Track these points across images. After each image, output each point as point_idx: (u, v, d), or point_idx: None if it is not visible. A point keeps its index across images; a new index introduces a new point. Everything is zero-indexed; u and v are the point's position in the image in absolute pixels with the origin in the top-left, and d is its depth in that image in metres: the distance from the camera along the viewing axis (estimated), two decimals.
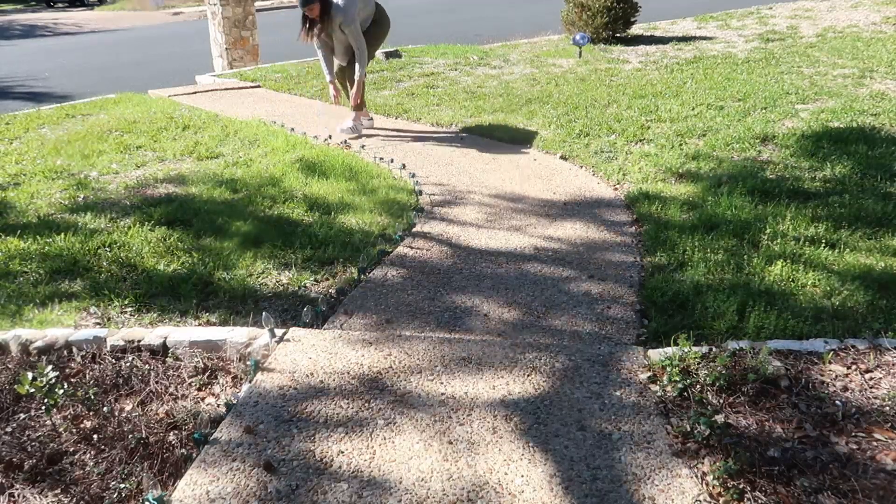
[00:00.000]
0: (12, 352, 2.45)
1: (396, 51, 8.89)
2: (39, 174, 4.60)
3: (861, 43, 7.95)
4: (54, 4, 29.58)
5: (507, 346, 2.32)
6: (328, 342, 2.38)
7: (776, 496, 1.65)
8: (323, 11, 4.77)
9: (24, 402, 2.14)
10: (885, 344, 2.23)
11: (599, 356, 2.24)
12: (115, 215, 3.82)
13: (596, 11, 8.78)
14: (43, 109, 6.90)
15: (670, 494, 1.67)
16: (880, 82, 6.13)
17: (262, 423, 1.97)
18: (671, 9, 11.85)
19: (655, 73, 7.03)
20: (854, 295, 2.69)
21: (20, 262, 3.27)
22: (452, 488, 1.71)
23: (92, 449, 1.94)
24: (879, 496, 1.64)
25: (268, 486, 1.74)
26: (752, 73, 6.74)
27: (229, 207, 3.89)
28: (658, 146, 4.70)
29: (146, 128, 5.72)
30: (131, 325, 2.71)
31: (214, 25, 10.13)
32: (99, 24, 21.60)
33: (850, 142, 4.47)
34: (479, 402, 2.03)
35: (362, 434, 1.91)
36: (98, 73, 10.96)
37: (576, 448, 1.83)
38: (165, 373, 2.29)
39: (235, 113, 6.10)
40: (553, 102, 5.98)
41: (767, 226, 3.32)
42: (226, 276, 3.08)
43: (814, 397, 2.00)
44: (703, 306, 2.64)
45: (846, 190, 3.73)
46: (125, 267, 3.21)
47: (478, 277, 3.02)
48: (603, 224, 3.55)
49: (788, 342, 2.28)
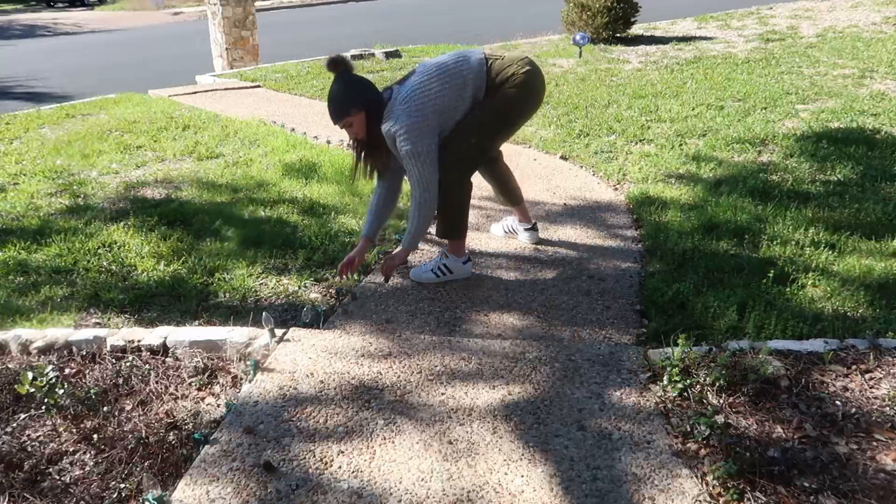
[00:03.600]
0: (12, 352, 2.45)
1: (396, 51, 8.89)
2: (39, 174, 4.60)
3: (861, 43, 7.95)
4: (54, 4, 29.58)
5: (507, 346, 2.32)
6: (328, 342, 2.38)
7: (776, 496, 1.65)
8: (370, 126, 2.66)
9: (24, 402, 2.14)
10: (885, 344, 2.23)
11: (599, 356, 2.24)
12: (114, 215, 3.82)
13: (596, 11, 8.78)
14: (43, 109, 6.90)
15: (670, 494, 1.67)
16: (880, 82, 6.13)
17: (262, 423, 1.97)
18: (671, 9, 11.85)
19: (655, 73, 7.03)
20: (854, 295, 2.69)
21: (20, 262, 3.26)
22: (452, 488, 1.71)
23: (92, 449, 1.94)
24: (879, 496, 1.64)
25: (268, 486, 1.74)
26: (752, 73, 6.74)
27: (229, 208, 3.89)
28: (658, 146, 4.70)
29: (146, 128, 5.72)
30: (131, 325, 2.71)
31: (214, 25, 10.13)
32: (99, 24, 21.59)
33: (850, 142, 4.47)
34: (479, 401, 2.03)
35: (362, 434, 1.91)
36: (98, 73, 10.96)
37: (576, 448, 1.83)
38: (165, 373, 2.29)
39: (235, 113, 6.09)
40: (553, 102, 5.98)
41: (767, 226, 3.32)
42: (226, 277, 3.08)
43: (814, 397, 2.00)
44: (703, 306, 2.64)
45: (846, 191, 3.72)
46: (125, 267, 3.21)
47: (477, 277, 3.02)
48: (603, 224, 3.55)
49: (788, 342, 2.28)
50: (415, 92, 2.63)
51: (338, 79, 2.63)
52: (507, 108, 2.77)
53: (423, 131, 2.61)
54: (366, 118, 2.65)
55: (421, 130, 2.60)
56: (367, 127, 2.66)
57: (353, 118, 2.64)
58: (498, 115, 2.77)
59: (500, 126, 2.83)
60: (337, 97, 2.63)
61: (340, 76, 2.64)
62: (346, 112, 2.62)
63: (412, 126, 2.58)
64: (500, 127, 2.83)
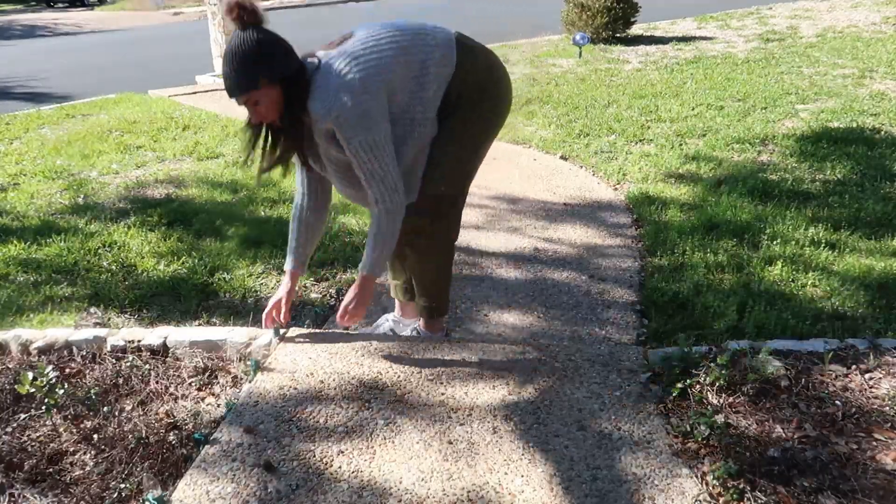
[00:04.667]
0: (12, 352, 2.45)
1: None
2: (39, 174, 4.60)
3: (861, 43, 7.95)
4: (54, 4, 29.57)
5: (507, 346, 2.32)
6: (328, 342, 2.38)
7: (776, 496, 1.65)
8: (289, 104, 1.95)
9: (25, 402, 2.14)
10: (885, 344, 2.23)
11: (599, 356, 2.24)
12: (115, 215, 3.82)
13: (596, 11, 8.78)
14: (43, 109, 6.90)
15: (670, 494, 1.67)
16: (880, 82, 6.13)
17: (263, 423, 1.97)
18: (671, 9, 11.84)
19: (655, 73, 7.03)
20: (854, 295, 2.69)
21: (20, 262, 3.27)
22: (452, 488, 1.71)
23: (92, 449, 1.94)
24: (879, 496, 1.64)
25: (268, 485, 1.74)
26: (752, 73, 6.74)
27: (229, 208, 3.89)
28: (658, 146, 4.70)
29: (146, 128, 5.72)
30: (131, 325, 2.71)
31: (214, 25, 10.12)
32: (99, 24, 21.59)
33: (849, 142, 4.47)
34: (479, 401, 2.03)
35: (362, 434, 1.91)
36: (98, 73, 10.95)
37: (576, 448, 1.83)
38: (165, 373, 2.29)
39: (236, 113, 6.09)
40: (553, 102, 5.98)
41: (767, 226, 3.32)
42: (226, 277, 3.08)
43: (814, 397, 2.00)
44: (703, 306, 2.64)
45: (846, 190, 3.73)
46: (125, 267, 3.21)
47: (477, 278, 3.02)
48: (603, 224, 3.55)
49: (788, 342, 2.28)
50: (357, 59, 1.91)
51: (244, 34, 1.85)
52: (482, 132, 2.17)
53: (376, 112, 1.92)
54: (281, 94, 1.91)
55: (373, 112, 1.91)
56: (281, 107, 1.94)
57: (263, 93, 1.89)
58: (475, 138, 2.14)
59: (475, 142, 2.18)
60: (241, 60, 1.85)
61: (249, 31, 1.86)
62: (253, 83, 1.87)
63: (360, 106, 1.88)
64: (475, 143, 2.18)
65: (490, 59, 2.15)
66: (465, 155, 2.16)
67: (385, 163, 1.96)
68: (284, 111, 1.95)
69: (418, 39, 2.00)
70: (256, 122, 2.01)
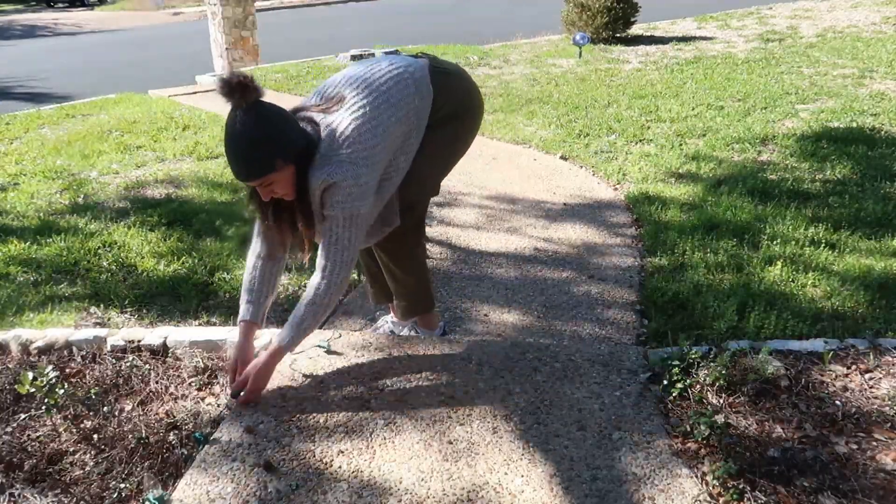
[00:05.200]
0: (12, 352, 2.45)
1: (396, 51, 8.89)
2: (39, 174, 4.60)
3: (861, 43, 7.95)
4: (54, 4, 29.58)
5: (507, 347, 2.32)
6: (328, 342, 2.38)
7: (776, 496, 1.65)
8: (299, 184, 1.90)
9: (25, 402, 2.14)
10: (885, 344, 2.23)
11: (599, 356, 2.24)
12: (115, 215, 3.82)
13: (596, 11, 8.78)
14: (43, 109, 6.90)
15: (670, 494, 1.67)
16: (880, 82, 6.13)
17: (262, 423, 1.97)
18: (671, 9, 11.85)
19: (655, 73, 7.03)
20: (854, 295, 2.69)
21: (20, 262, 3.27)
22: (452, 488, 1.71)
23: (92, 449, 1.94)
24: (879, 496, 1.64)
25: (268, 485, 1.74)
26: (752, 73, 6.74)
27: (229, 208, 3.89)
28: (658, 146, 4.70)
29: (146, 128, 5.72)
30: (131, 325, 2.71)
31: (214, 25, 10.13)
32: (99, 24, 21.59)
33: (849, 142, 4.47)
34: (479, 401, 2.03)
35: (362, 434, 1.91)
36: (98, 73, 10.96)
37: (576, 448, 1.83)
38: (165, 373, 2.29)
39: None
40: (553, 102, 5.98)
41: (767, 226, 3.32)
42: (226, 276, 3.08)
43: (814, 397, 2.00)
44: (703, 306, 2.64)
45: (846, 190, 3.73)
46: (125, 267, 3.21)
47: (477, 278, 3.02)
48: (603, 224, 3.55)
49: (788, 342, 2.28)
50: (362, 131, 1.89)
51: (248, 115, 1.77)
52: (455, 149, 2.23)
53: (369, 188, 1.90)
54: (294, 171, 1.86)
55: (370, 186, 1.90)
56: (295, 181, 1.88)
57: (279, 174, 1.83)
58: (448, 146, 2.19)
59: (451, 157, 2.26)
60: (252, 144, 1.78)
61: (250, 109, 1.77)
62: (270, 166, 1.80)
63: (360, 179, 1.86)
64: (451, 159, 2.26)
65: (462, 79, 2.20)
66: (437, 169, 2.24)
67: (355, 238, 1.94)
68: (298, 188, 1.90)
69: (402, 87, 2.00)
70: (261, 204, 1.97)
